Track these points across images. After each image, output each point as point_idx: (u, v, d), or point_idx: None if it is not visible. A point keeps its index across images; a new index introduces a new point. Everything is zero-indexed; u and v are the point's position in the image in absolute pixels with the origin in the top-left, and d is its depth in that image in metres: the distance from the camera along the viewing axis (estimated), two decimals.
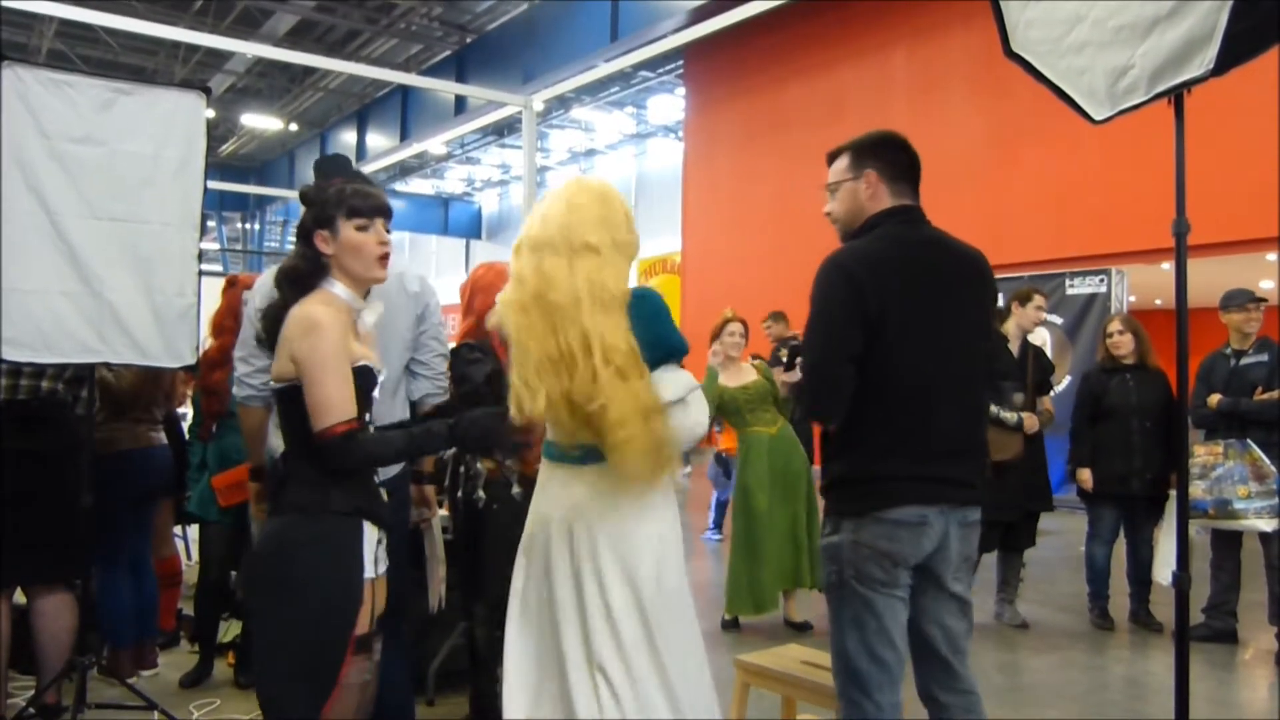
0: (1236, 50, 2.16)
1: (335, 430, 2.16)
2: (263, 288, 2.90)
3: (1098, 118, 2.40)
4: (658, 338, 2.31)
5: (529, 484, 3.30)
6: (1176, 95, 2.28)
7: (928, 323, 2.32)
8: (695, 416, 2.33)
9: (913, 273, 2.33)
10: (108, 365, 3.60)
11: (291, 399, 2.23)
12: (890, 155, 2.46)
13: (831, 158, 2.56)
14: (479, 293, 3.39)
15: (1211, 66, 2.15)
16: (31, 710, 3.60)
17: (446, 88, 16.07)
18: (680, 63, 16.25)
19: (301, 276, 2.34)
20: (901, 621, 2.35)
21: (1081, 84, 2.39)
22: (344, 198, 2.39)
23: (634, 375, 2.22)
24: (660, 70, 17.53)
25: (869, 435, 2.32)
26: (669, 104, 20.00)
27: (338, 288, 2.35)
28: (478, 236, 29.05)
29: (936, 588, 2.40)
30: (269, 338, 2.33)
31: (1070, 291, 10.18)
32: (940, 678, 2.43)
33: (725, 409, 5.15)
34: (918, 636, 2.42)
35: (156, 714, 3.65)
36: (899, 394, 2.30)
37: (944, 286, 2.37)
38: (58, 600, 3.64)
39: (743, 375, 5.17)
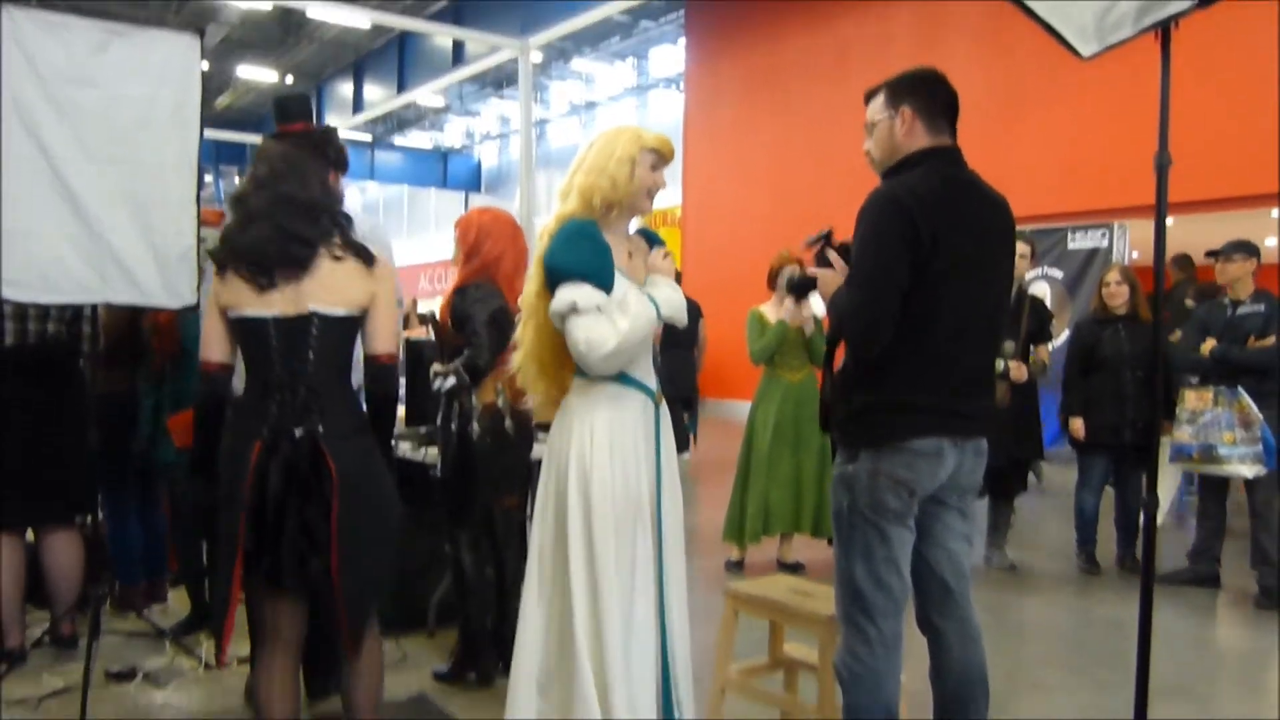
0: None
1: (395, 355, 2.45)
2: None
3: (1086, 53, 2.43)
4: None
5: (520, 418, 3.43)
6: (1163, 29, 2.30)
7: (967, 262, 2.35)
8: (572, 336, 2.47)
9: (958, 212, 2.35)
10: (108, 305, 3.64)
11: (357, 326, 2.40)
12: (926, 91, 2.45)
13: (869, 96, 2.52)
14: (486, 238, 3.45)
15: None
16: (47, 639, 3.72)
17: (441, 30, 15.92)
18: (681, 11, 16.11)
19: (327, 208, 2.40)
20: (909, 551, 2.41)
21: (1071, 19, 2.41)
22: (344, 152, 2.55)
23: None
24: (661, 20, 17.38)
25: (897, 367, 2.34)
26: (670, 55, 19.85)
27: None
28: (477, 190, 28.93)
29: (945, 514, 2.48)
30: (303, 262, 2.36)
31: (1072, 246, 10.18)
32: (941, 603, 2.51)
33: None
34: (923, 563, 2.49)
35: (168, 642, 3.77)
36: (933, 329, 2.33)
37: (982, 229, 2.40)
38: (64, 536, 3.76)
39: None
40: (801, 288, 2.70)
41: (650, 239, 2.84)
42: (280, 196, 2.36)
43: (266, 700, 2.41)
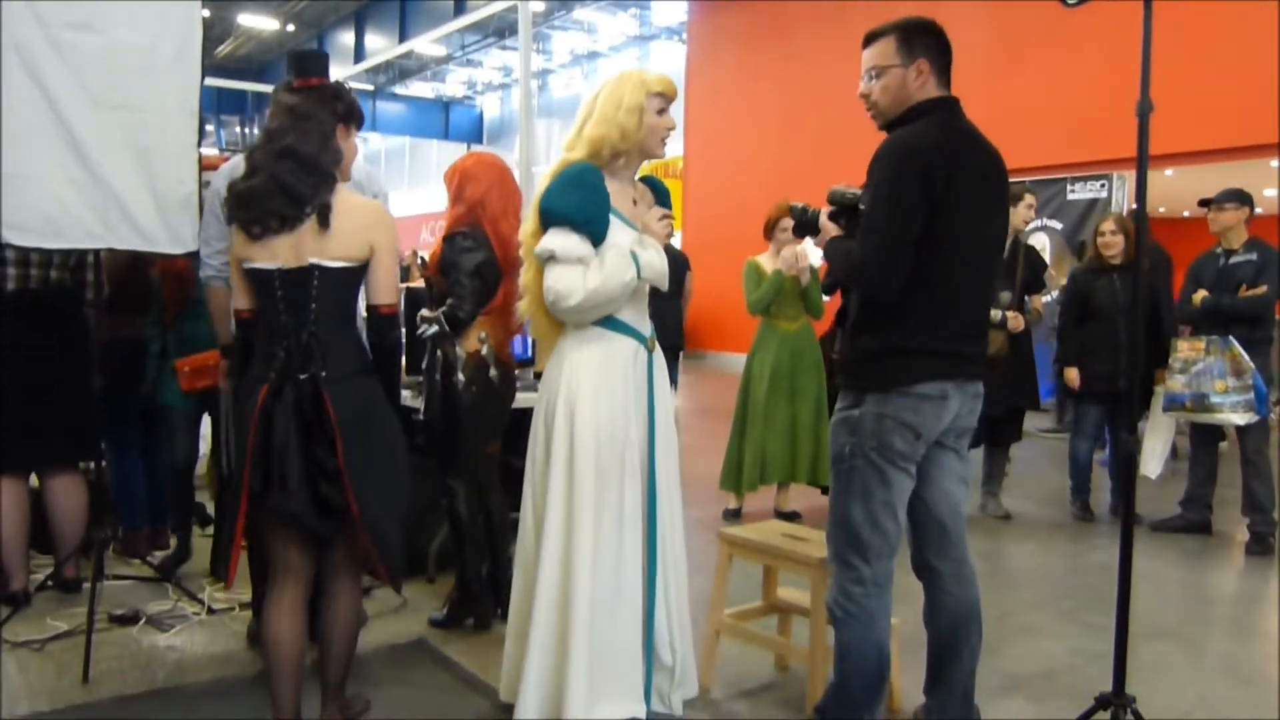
0: None
1: (395, 306, 2.54)
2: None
3: (1071, 0, 2.43)
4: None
5: (505, 368, 3.47)
6: None
7: (970, 211, 2.38)
8: (545, 282, 2.55)
9: (963, 162, 2.37)
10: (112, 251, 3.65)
11: (358, 277, 2.50)
12: (938, 44, 2.44)
13: (872, 38, 2.48)
14: (469, 181, 3.46)
15: None
16: (51, 583, 3.80)
17: None
18: None
19: (323, 165, 2.46)
20: (906, 495, 2.46)
21: None
22: (356, 106, 2.61)
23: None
24: None
25: (903, 312, 2.38)
26: (672, 4, 19.62)
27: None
28: (479, 141, 28.77)
29: (943, 457, 2.52)
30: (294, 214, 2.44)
31: (1071, 197, 10.16)
32: (938, 545, 2.56)
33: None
34: (921, 505, 2.53)
35: (170, 586, 3.84)
36: (938, 276, 2.35)
37: (983, 179, 2.43)
38: (68, 480, 3.81)
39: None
40: (805, 226, 2.63)
41: (657, 189, 2.84)
42: (280, 151, 2.44)
43: (276, 633, 2.49)
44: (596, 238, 2.53)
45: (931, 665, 2.64)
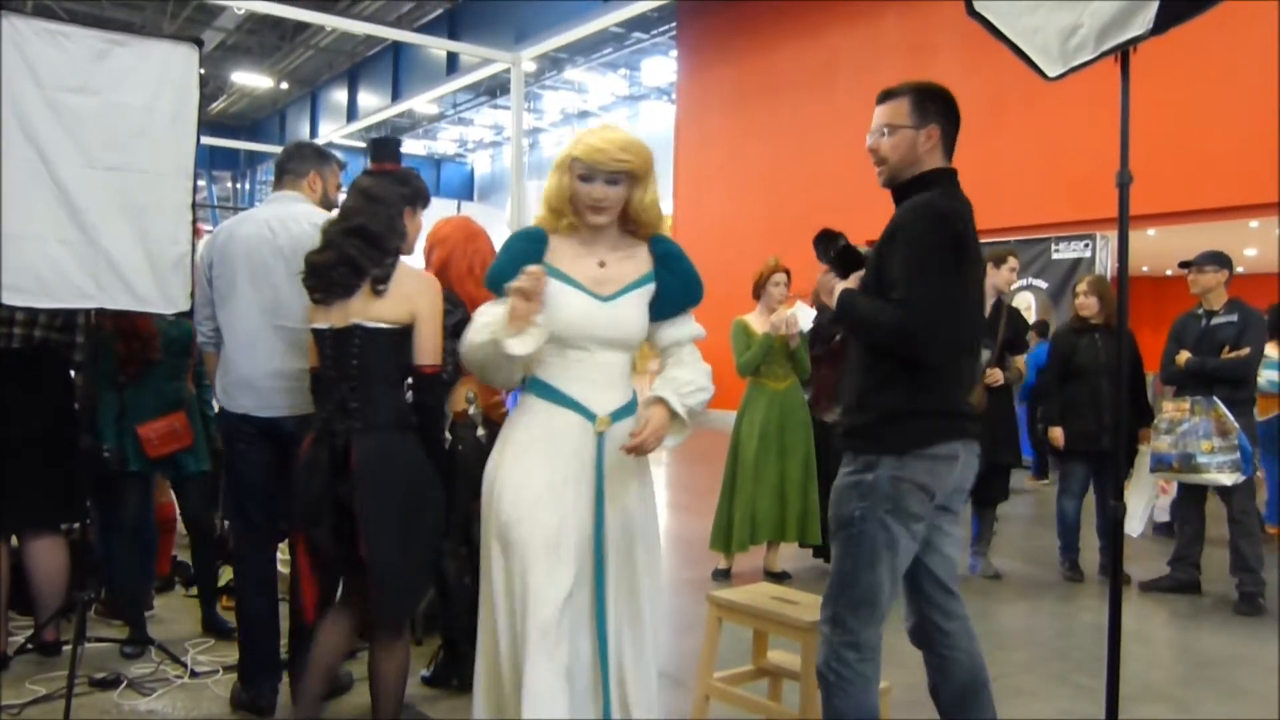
0: (1175, 11, 2.27)
1: (440, 367, 2.76)
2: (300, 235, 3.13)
3: (1051, 74, 2.50)
4: None
5: (494, 427, 3.46)
6: (1122, 53, 2.38)
7: (980, 279, 2.52)
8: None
9: (974, 233, 2.45)
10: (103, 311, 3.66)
11: (402, 339, 2.69)
12: (950, 114, 2.50)
13: (888, 95, 2.50)
14: (435, 245, 3.52)
15: (1150, 26, 2.27)
16: (30, 646, 3.74)
17: (436, 43, 16.05)
18: (673, 24, 16.21)
19: (387, 242, 2.70)
20: (910, 559, 2.47)
21: (1036, 42, 2.49)
22: (423, 190, 2.88)
23: None
24: (653, 31, 17.51)
25: (917, 374, 2.39)
26: (662, 66, 19.97)
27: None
28: (470, 198, 28.99)
29: (942, 519, 2.53)
30: (348, 282, 2.67)
31: (1055, 256, 10.30)
32: (944, 606, 2.56)
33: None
34: (923, 570, 2.53)
35: (153, 650, 3.78)
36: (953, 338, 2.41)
37: (979, 248, 2.50)
38: (49, 541, 3.76)
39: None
40: (848, 262, 2.53)
41: (662, 252, 2.65)
42: (351, 229, 2.70)
43: (318, 649, 2.76)
44: None
45: None
